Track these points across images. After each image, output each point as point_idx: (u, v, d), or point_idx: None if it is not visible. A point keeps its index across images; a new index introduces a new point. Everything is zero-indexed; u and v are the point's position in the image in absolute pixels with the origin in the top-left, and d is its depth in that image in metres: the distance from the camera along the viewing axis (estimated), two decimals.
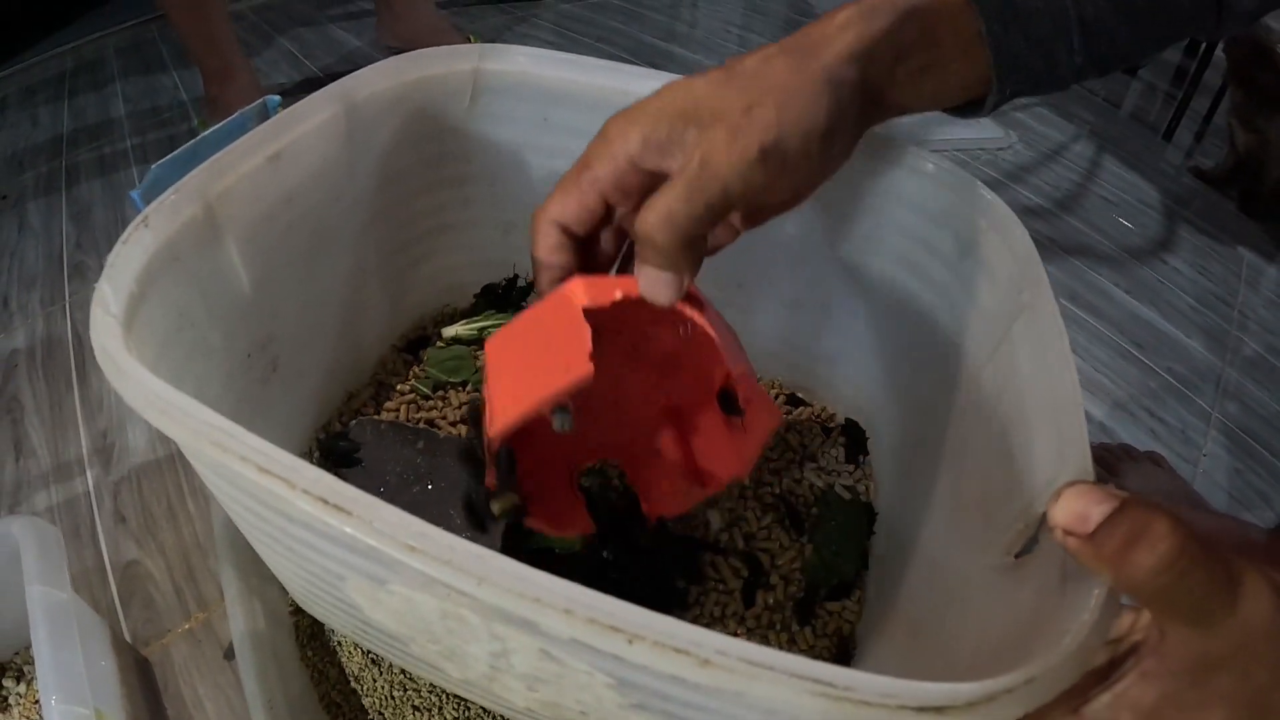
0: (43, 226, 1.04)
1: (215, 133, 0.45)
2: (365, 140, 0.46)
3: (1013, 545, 0.28)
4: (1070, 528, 0.22)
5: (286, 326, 0.45)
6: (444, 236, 0.55)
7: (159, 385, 0.27)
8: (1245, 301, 1.04)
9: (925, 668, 0.33)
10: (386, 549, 0.22)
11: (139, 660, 0.57)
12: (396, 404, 0.55)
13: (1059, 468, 0.27)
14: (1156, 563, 0.21)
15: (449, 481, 0.44)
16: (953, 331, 0.41)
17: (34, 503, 0.70)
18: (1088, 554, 0.22)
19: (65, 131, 1.25)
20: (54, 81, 1.41)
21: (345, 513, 0.23)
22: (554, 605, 0.20)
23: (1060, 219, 1.12)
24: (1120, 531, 0.21)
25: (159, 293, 0.35)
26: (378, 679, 0.47)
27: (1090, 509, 0.22)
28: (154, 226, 0.35)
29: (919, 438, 0.44)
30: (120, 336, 0.30)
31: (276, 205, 0.41)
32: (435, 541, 0.22)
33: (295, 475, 0.23)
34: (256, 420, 0.45)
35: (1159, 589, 0.21)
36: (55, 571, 0.46)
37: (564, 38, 1.49)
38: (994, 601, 0.28)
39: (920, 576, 0.38)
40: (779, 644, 0.45)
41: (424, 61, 0.46)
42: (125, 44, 1.52)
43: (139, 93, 1.35)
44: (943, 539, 0.37)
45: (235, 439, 0.25)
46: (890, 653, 0.39)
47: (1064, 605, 0.22)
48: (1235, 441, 0.82)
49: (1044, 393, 0.31)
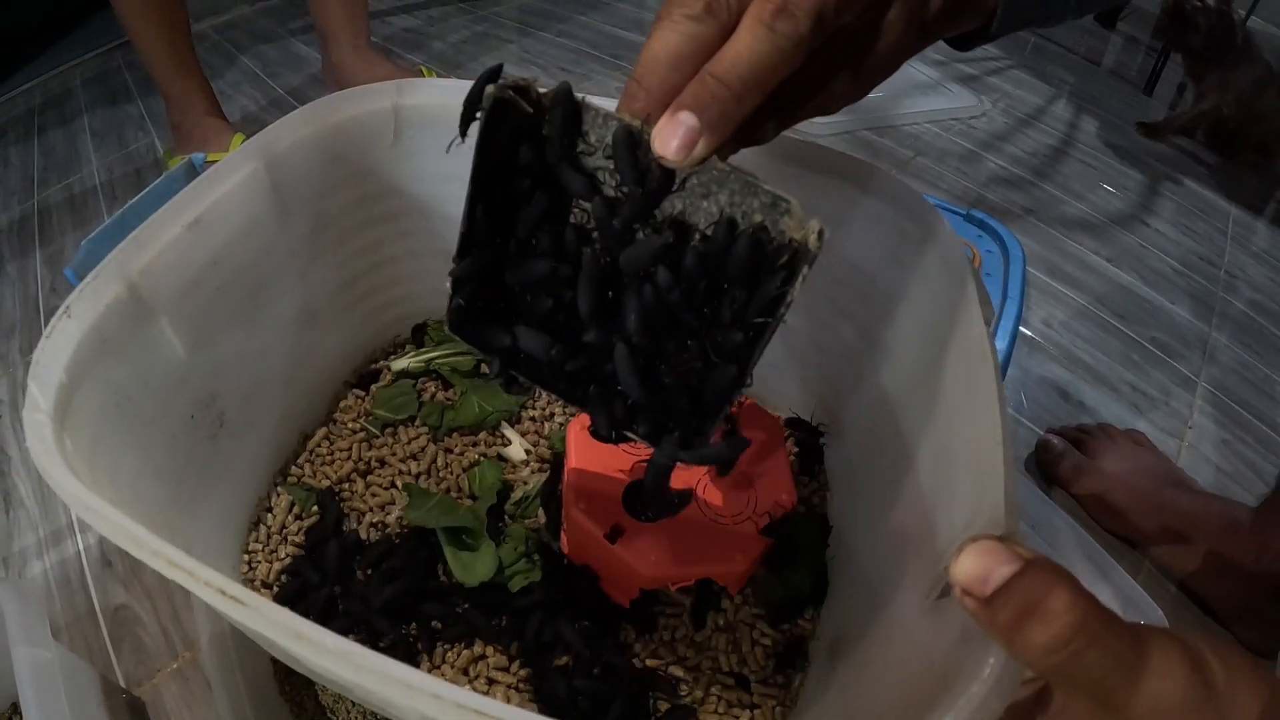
0: (18, 272, 1.04)
1: (142, 199, 0.45)
2: (293, 190, 0.45)
3: (931, 588, 0.28)
4: (968, 588, 0.21)
5: (230, 382, 0.45)
6: (386, 269, 0.55)
7: (80, 490, 0.29)
8: (1232, 260, 1.02)
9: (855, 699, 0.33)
10: (274, 637, 0.23)
11: (132, 702, 0.59)
12: (349, 443, 0.55)
13: (975, 513, 0.26)
14: (1049, 641, 0.20)
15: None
16: (889, 339, 0.41)
17: (25, 552, 0.71)
18: (984, 620, 0.21)
19: (36, 171, 1.25)
20: (23, 119, 1.41)
21: (240, 603, 0.24)
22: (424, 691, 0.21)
23: (1038, 188, 1.10)
24: (1015, 602, 0.20)
25: (91, 377, 0.36)
26: (351, 710, 0.48)
27: (991, 570, 0.21)
28: (77, 315, 0.35)
29: (865, 456, 0.44)
30: (50, 435, 0.32)
31: (203, 270, 0.41)
32: (317, 633, 0.23)
33: (197, 570, 0.25)
34: (208, 476, 0.45)
35: (1052, 667, 0.20)
36: (39, 632, 0.47)
37: (526, 35, 1.47)
38: (916, 644, 0.28)
39: (860, 601, 0.38)
40: (730, 666, 0.46)
41: (342, 104, 0.46)
42: (91, 74, 1.51)
43: (105, 125, 1.34)
44: (882, 565, 0.36)
45: (142, 540, 0.26)
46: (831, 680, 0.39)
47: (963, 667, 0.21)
48: (1222, 410, 0.81)
49: (967, 426, 0.30)
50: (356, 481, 0.54)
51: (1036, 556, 0.21)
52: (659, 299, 0.29)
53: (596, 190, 0.31)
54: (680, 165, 0.27)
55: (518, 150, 0.31)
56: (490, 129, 0.30)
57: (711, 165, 0.28)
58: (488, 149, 0.30)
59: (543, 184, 0.32)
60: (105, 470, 0.35)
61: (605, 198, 0.30)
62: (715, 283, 0.29)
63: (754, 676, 0.45)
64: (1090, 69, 1.44)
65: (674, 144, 0.27)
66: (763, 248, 0.27)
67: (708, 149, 0.27)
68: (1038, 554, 0.21)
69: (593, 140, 0.30)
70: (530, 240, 0.32)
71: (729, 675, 0.45)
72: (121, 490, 0.36)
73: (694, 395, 0.30)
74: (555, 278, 0.31)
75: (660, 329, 0.30)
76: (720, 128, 0.27)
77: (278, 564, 0.50)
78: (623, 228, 0.30)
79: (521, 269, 0.32)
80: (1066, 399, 0.81)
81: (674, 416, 0.31)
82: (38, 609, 0.48)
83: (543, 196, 0.32)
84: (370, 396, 0.57)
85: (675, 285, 0.29)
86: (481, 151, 0.30)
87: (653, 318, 0.29)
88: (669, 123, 0.27)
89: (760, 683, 0.45)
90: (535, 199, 0.31)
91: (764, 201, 0.27)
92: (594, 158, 0.31)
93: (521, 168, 0.31)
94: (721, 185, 0.28)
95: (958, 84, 1.27)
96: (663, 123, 0.27)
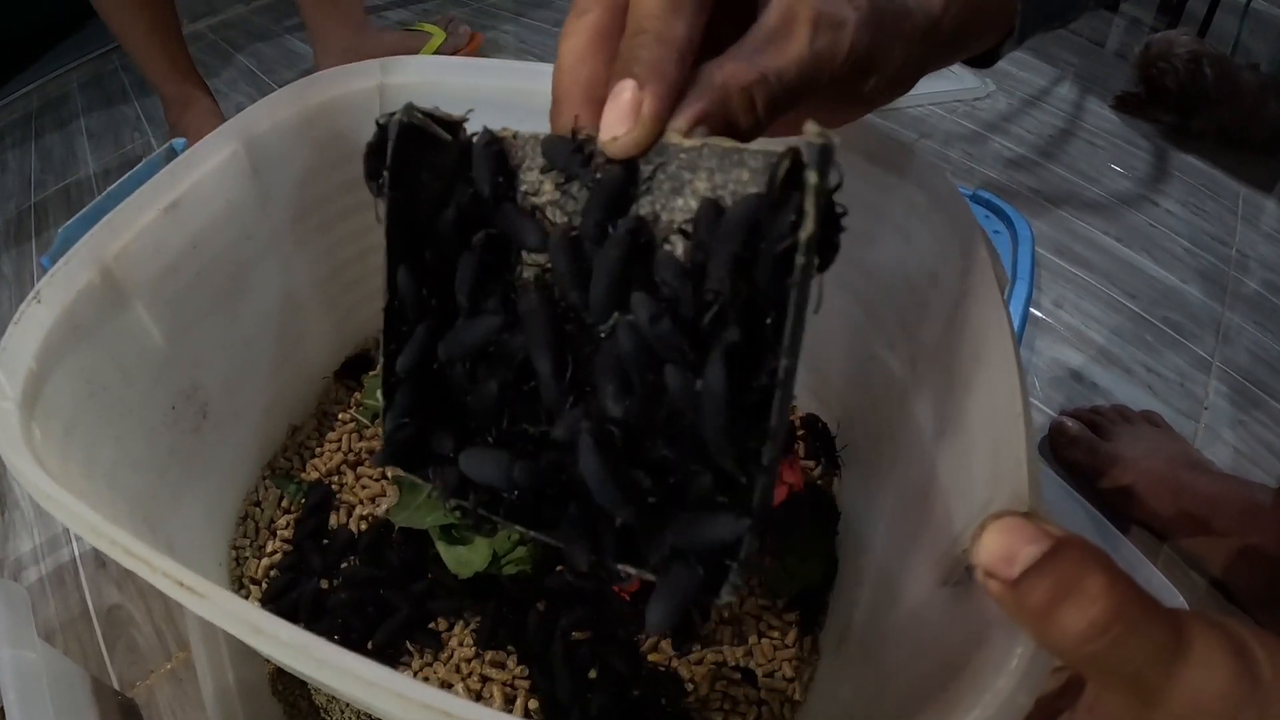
0: (14, 274, 1.04)
1: (122, 185, 0.43)
2: (273, 173, 0.44)
3: (950, 573, 0.26)
4: (993, 570, 0.19)
5: (212, 372, 0.44)
6: (376, 256, 0.53)
7: (41, 480, 0.28)
8: (1243, 239, 1.00)
9: (869, 693, 0.31)
10: (232, 630, 0.22)
11: (124, 704, 0.58)
12: (338, 434, 0.53)
13: (995, 490, 0.24)
14: (1086, 628, 0.18)
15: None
16: (900, 321, 0.39)
17: (20, 554, 0.71)
18: (1010, 604, 0.19)
19: (33, 175, 1.25)
20: (20, 124, 1.40)
21: (195, 594, 0.23)
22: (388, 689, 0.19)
23: (1045, 168, 1.08)
24: (1047, 583, 0.18)
25: (62, 366, 0.34)
26: (344, 710, 0.47)
27: (1017, 550, 0.19)
28: (47, 300, 0.34)
29: (874, 436, 0.42)
30: (16, 422, 0.30)
31: (181, 255, 0.39)
32: (276, 626, 0.21)
33: (153, 559, 0.24)
34: (192, 469, 0.44)
35: (1087, 657, 0.18)
36: (24, 632, 0.46)
37: (522, 26, 1.46)
38: (933, 633, 0.26)
39: (871, 590, 0.37)
40: (736, 660, 0.44)
41: (324, 84, 0.44)
42: (88, 77, 1.51)
43: (102, 127, 1.34)
44: (894, 551, 0.35)
45: (101, 530, 0.25)
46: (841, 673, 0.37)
47: (986, 661, 0.19)
48: (1238, 390, 0.79)
49: (985, 400, 0.28)
50: (347, 474, 0.53)
51: (1067, 534, 0.19)
52: (638, 340, 0.21)
53: (539, 225, 0.26)
54: (635, 140, 0.23)
55: (441, 195, 0.26)
56: (402, 169, 0.25)
57: (677, 147, 0.23)
58: (402, 195, 0.26)
59: (475, 232, 0.26)
60: (78, 462, 0.34)
61: (558, 230, 0.25)
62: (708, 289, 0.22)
63: (761, 671, 0.44)
64: (1094, 50, 1.42)
65: (617, 119, 0.23)
66: (760, 199, 0.22)
67: (656, 103, 0.23)
68: (1068, 531, 0.19)
69: (534, 176, 0.26)
70: (474, 304, 0.26)
71: (735, 670, 0.44)
72: (97, 483, 0.35)
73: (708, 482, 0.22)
74: (503, 345, 0.25)
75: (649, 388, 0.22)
76: (656, 71, 0.24)
77: (266, 559, 0.49)
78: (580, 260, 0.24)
79: (459, 337, 0.26)
80: (1080, 381, 0.79)
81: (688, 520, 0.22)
82: (24, 610, 0.48)
83: (479, 245, 0.26)
84: (360, 386, 0.56)
85: (661, 311, 0.21)
86: (396, 199, 0.25)
87: (636, 368, 0.22)
88: (607, 108, 0.24)
89: (767, 677, 0.43)
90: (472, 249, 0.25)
91: (755, 168, 0.23)
92: (539, 196, 0.26)
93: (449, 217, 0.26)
94: (695, 169, 0.23)
95: (961, 66, 1.25)
96: (604, 113, 0.24)
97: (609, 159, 0.24)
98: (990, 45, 0.34)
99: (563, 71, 0.26)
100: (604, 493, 0.22)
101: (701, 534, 0.21)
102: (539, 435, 0.24)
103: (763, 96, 0.25)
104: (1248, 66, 1.12)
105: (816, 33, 0.25)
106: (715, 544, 0.21)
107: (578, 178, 0.25)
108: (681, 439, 0.22)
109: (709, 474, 0.22)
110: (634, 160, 0.24)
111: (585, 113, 0.25)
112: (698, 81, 0.24)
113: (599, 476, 0.22)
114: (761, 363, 0.21)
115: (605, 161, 0.24)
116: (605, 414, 0.22)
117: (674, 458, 0.22)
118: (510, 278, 0.27)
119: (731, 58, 0.25)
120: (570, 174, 0.25)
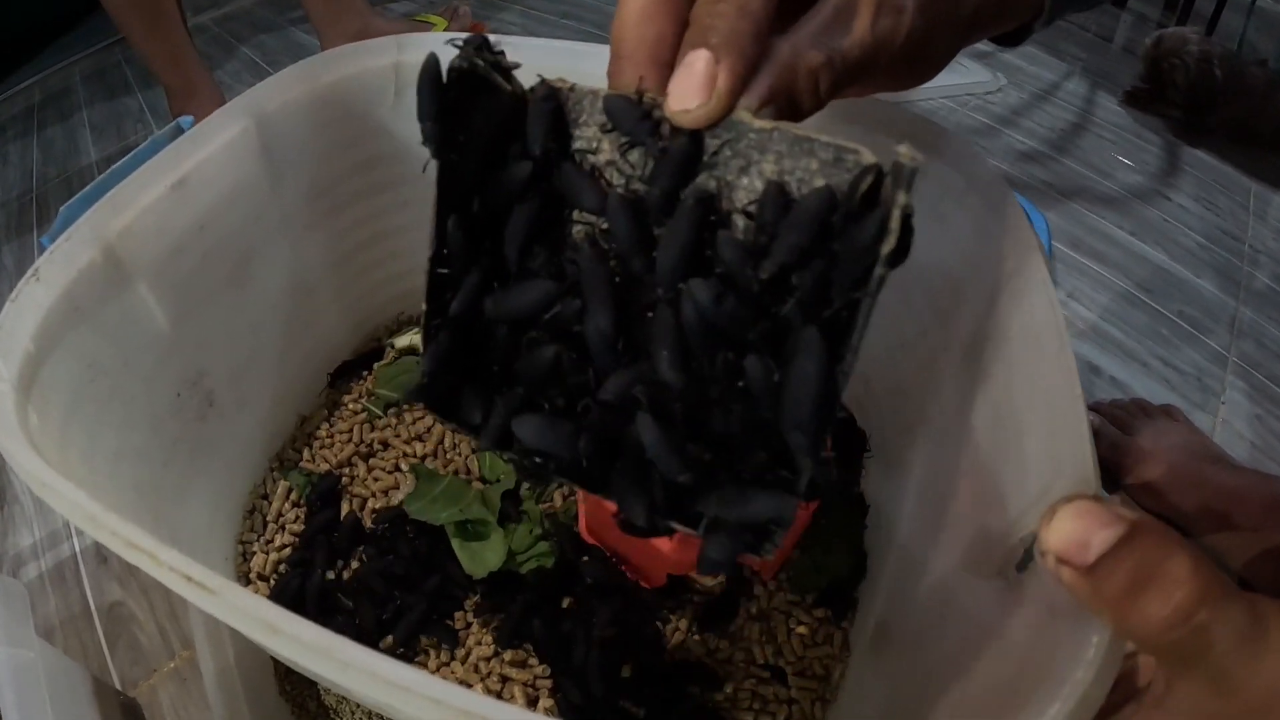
0: (16, 266, 1.03)
1: (126, 163, 0.42)
2: (284, 152, 0.42)
3: (1005, 564, 0.24)
4: (1066, 556, 0.18)
5: (219, 359, 0.42)
6: (387, 242, 0.52)
7: (36, 465, 0.26)
8: (1255, 234, 0.99)
9: (908, 690, 0.30)
10: (246, 629, 0.20)
11: (126, 704, 0.57)
12: (349, 425, 0.52)
13: (1054, 475, 0.23)
14: (1170, 615, 0.17)
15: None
16: (934, 307, 0.38)
17: (19, 549, 0.69)
18: (1085, 592, 0.18)
19: (35, 167, 1.23)
20: (22, 117, 1.39)
21: (206, 590, 0.21)
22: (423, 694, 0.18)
23: (1057, 162, 1.07)
24: (1127, 568, 0.17)
25: (61, 347, 0.33)
26: (355, 711, 0.46)
27: (1091, 534, 0.18)
28: (45, 279, 0.32)
29: (904, 427, 0.41)
30: (11, 405, 0.29)
31: (187, 235, 0.38)
32: (294, 626, 0.20)
33: (158, 552, 0.22)
34: (198, 460, 0.42)
35: (1170, 644, 0.17)
36: (21, 630, 0.45)
37: (528, 17, 1.45)
38: (984, 626, 0.25)
39: (907, 583, 0.35)
40: (764, 658, 0.43)
41: (339, 61, 0.43)
42: (90, 70, 1.50)
43: (105, 119, 1.32)
44: (933, 545, 0.33)
45: (101, 521, 0.23)
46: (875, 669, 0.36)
47: (1056, 653, 0.18)
48: (1254, 385, 0.78)
49: (1037, 383, 0.27)
50: (358, 465, 0.51)
51: (1144, 517, 0.18)
52: (701, 317, 0.21)
53: (599, 185, 0.25)
54: (707, 114, 0.22)
55: (497, 146, 0.25)
56: (455, 113, 0.24)
57: (748, 126, 0.23)
58: (455, 141, 0.25)
59: (533, 188, 0.25)
60: (78, 450, 0.32)
61: (616, 193, 0.24)
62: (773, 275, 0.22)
63: (791, 669, 0.42)
64: (1103, 45, 1.41)
65: (689, 90, 0.22)
66: (834, 196, 0.21)
67: (731, 79, 0.23)
68: (1144, 514, 0.18)
69: (591, 133, 0.25)
70: (522, 261, 0.25)
71: (764, 668, 0.42)
72: (97, 472, 0.33)
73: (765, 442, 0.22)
74: (556, 313, 0.24)
75: (710, 360, 0.22)
76: (735, 45, 0.23)
77: (274, 555, 0.47)
78: (642, 226, 0.23)
79: (511, 299, 0.25)
80: (1098, 374, 0.78)
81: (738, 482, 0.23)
82: (22, 607, 0.47)
83: (535, 199, 0.25)
84: (372, 375, 0.54)
85: (725, 290, 0.22)
86: (447, 144, 0.24)
87: (698, 342, 0.22)
88: (677, 75, 0.23)
89: (797, 675, 0.42)
90: (525, 202, 0.25)
91: (824, 159, 0.22)
92: (597, 155, 0.25)
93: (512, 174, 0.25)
94: (764, 150, 0.23)
95: (972, 60, 1.25)
96: (672, 80, 0.23)
97: (675, 128, 0.23)
98: (1022, 22, 0.33)
99: (626, 27, 0.24)
100: (664, 460, 0.22)
101: (751, 508, 0.22)
102: (586, 394, 0.24)
103: (827, 78, 0.24)
104: (1255, 62, 1.11)
105: (879, 16, 0.25)
106: (763, 519, 0.22)
107: (643, 145, 0.24)
108: (734, 414, 0.22)
109: (763, 451, 0.22)
110: (700, 132, 0.23)
111: (650, 74, 0.24)
112: (768, 59, 0.23)
113: (659, 444, 0.22)
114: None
115: (672, 131, 0.23)
116: (662, 380, 0.22)
117: (727, 431, 0.23)
118: (559, 235, 0.26)
119: (798, 36, 0.24)
120: (636, 140, 0.24)
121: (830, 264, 0.21)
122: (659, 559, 0.39)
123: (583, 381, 0.24)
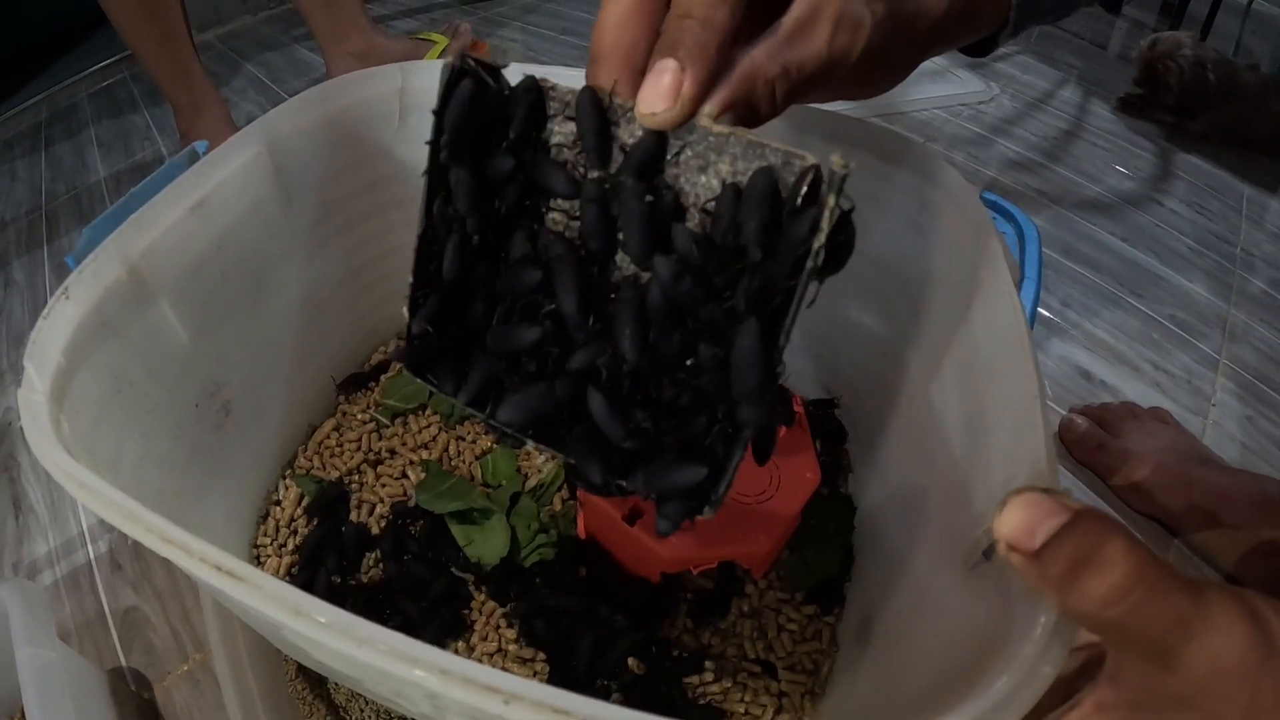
0: (27, 281, 1.04)
1: (145, 186, 0.44)
2: (297, 174, 0.44)
3: (970, 552, 0.26)
4: (1015, 542, 0.20)
5: (236, 371, 0.44)
6: (395, 258, 0.54)
7: (74, 467, 0.28)
8: (1247, 238, 1.00)
9: (890, 681, 0.32)
10: (273, 614, 0.22)
11: (141, 706, 0.58)
12: (357, 434, 0.54)
13: (1013, 469, 0.25)
14: (1107, 592, 0.18)
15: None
16: (912, 313, 0.40)
17: (35, 557, 0.71)
18: (1032, 574, 0.20)
19: (44, 184, 1.25)
20: (30, 134, 1.41)
21: (236, 578, 0.23)
22: (431, 667, 0.20)
23: (1050, 170, 1.09)
24: (1067, 551, 0.19)
25: (89, 361, 0.35)
26: (365, 709, 0.47)
27: (1038, 522, 0.20)
28: (75, 296, 0.34)
29: (888, 427, 0.43)
30: (46, 415, 0.31)
31: (206, 254, 0.40)
32: (319, 609, 0.22)
33: (191, 545, 0.24)
34: (215, 467, 0.44)
35: (1109, 621, 0.19)
36: (43, 632, 0.47)
37: (528, 34, 1.47)
38: (955, 614, 0.26)
39: (889, 579, 0.37)
40: (756, 653, 0.44)
41: (347, 87, 0.45)
42: (97, 87, 1.52)
43: (112, 135, 1.34)
44: (911, 538, 0.35)
45: (137, 516, 0.25)
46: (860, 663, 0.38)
47: (1010, 632, 0.20)
48: (1245, 387, 0.79)
49: (1001, 383, 0.29)
50: (366, 472, 0.53)
51: (1085, 506, 0.20)
52: (662, 291, 0.25)
53: (571, 174, 0.28)
54: (672, 118, 0.25)
55: (483, 140, 0.28)
56: (451, 109, 0.27)
57: (706, 130, 0.25)
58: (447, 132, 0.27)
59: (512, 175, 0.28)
60: (105, 458, 0.34)
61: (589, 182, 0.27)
62: (721, 263, 0.25)
63: (781, 663, 0.44)
64: (1096, 53, 1.43)
65: (657, 96, 0.25)
66: (774, 176, 0.24)
67: (695, 88, 0.25)
68: (1087, 505, 0.20)
69: (569, 128, 0.28)
70: (502, 245, 0.28)
71: (755, 662, 0.44)
72: (123, 479, 0.35)
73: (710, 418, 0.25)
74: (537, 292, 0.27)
75: (667, 338, 0.25)
76: (699, 57, 0.25)
77: (286, 558, 0.49)
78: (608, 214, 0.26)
79: (503, 283, 0.28)
80: (1088, 379, 0.79)
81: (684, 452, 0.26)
82: (43, 609, 0.48)
83: (515, 187, 0.28)
84: (382, 385, 0.56)
85: (683, 270, 0.25)
86: (440, 135, 0.27)
87: (659, 318, 0.25)
88: (647, 81, 0.25)
89: (787, 669, 0.44)
90: (509, 188, 0.28)
91: (774, 163, 0.25)
92: (573, 149, 0.28)
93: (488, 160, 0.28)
94: (720, 152, 0.26)
95: (965, 70, 1.26)
96: (643, 86, 0.25)
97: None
98: (986, 34, 0.34)
99: (604, 32, 0.27)
100: (610, 427, 0.26)
101: (671, 478, 0.26)
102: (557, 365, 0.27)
103: (783, 88, 0.26)
104: (1248, 67, 1.13)
105: (837, 32, 0.26)
106: (681, 487, 0.25)
107: (590, 148, 0.27)
108: (685, 386, 0.26)
109: (704, 419, 0.25)
110: (665, 134, 0.26)
111: (623, 78, 0.26)
112: (730, 69, 0.26)
113: (604, 413, 0.26)
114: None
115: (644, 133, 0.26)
116: (622, 356, 0.26)
117: (676, 402, 0.26)
118: (536, 221, 0.29)
119: (758, 48, 0.26)
120: (584, 143, 0.27)
121: (771, 257, 0.24)
122: (654, 558, 0.41)
123: (557, 353, 0.28)
